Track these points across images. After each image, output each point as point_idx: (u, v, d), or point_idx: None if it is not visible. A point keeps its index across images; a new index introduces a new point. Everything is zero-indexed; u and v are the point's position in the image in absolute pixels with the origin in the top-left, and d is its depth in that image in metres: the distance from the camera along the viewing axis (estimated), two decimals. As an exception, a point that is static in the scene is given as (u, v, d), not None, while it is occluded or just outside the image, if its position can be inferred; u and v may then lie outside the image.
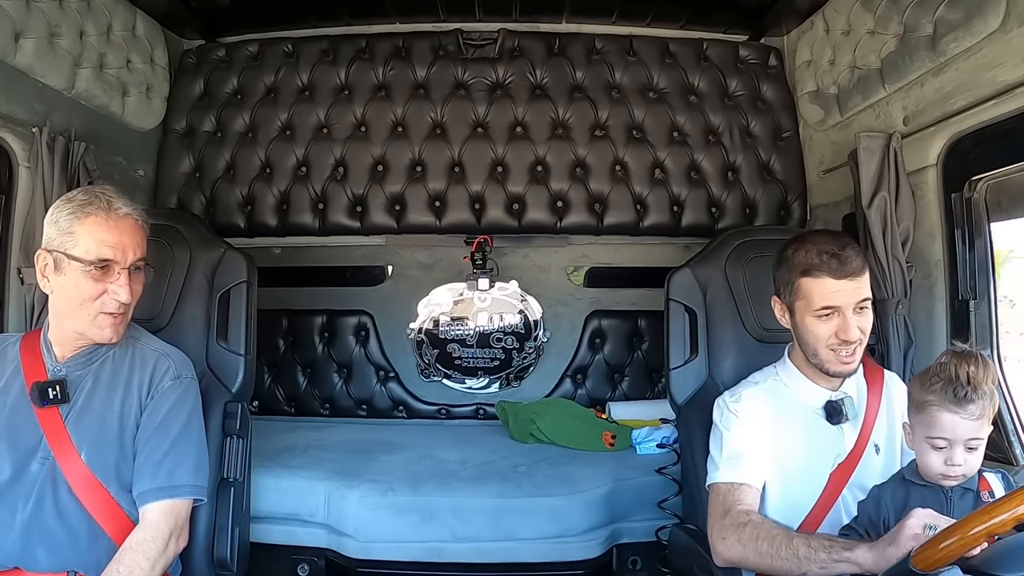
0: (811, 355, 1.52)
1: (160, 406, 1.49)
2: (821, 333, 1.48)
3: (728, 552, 1.42)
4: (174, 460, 1.46)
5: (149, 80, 2.62)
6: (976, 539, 1.00)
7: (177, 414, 1.50)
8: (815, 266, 1.47)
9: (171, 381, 1.52)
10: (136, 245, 1.45)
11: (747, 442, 1.52)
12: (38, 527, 1.39)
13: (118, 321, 1.45)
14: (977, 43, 1.74)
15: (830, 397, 1.55)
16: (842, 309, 1.46)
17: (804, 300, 1.49)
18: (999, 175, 1.79)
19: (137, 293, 1.47)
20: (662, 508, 2.03)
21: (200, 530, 1.57)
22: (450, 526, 1.99)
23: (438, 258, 2.93)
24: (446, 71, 2.87)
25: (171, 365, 1.53)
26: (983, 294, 1.85)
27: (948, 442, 1.24)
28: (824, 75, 2.50)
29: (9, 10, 1.91)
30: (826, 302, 1.46)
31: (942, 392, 1.24)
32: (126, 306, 1.45)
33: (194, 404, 1.54)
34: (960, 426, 1.23)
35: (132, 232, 1.45)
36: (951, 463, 1.24)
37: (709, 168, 2.81)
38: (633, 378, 2.91)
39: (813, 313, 1.48)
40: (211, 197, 2.84)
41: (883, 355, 1.95)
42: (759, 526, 1.39)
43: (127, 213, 1.45)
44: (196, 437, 1.52)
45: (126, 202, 1.46)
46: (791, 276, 1.51)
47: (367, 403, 2.92)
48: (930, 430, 1.25)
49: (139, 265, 1.47)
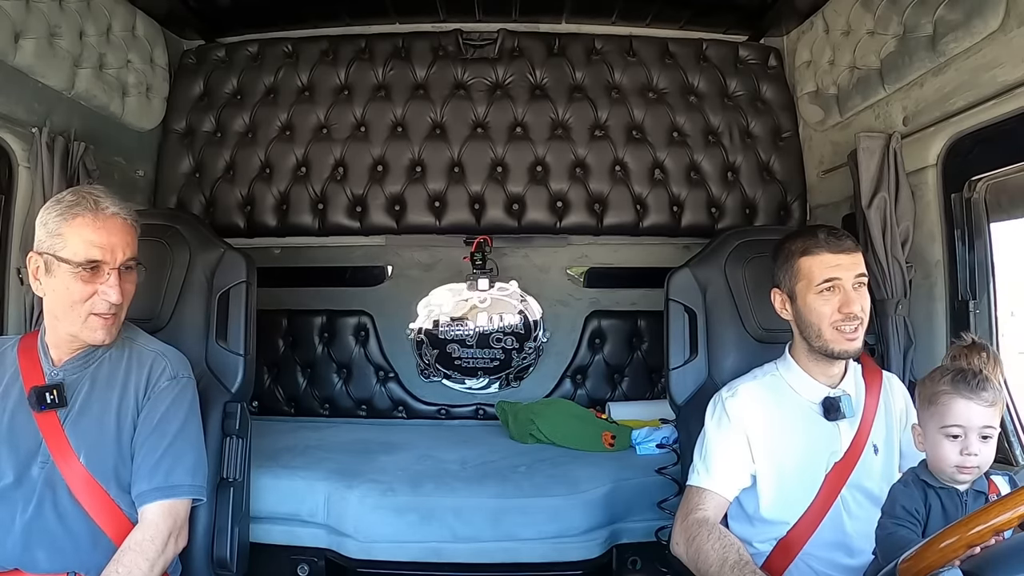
0: (815, 337, 1.53)
1: (157, 406, 1.48)
2: (824, 311, 1.51)
3: (676, 549, 1.51)
4: (172, 460, 1.45)
5: (149, 80, 2.62)
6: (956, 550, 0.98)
7: (174, 414, 1.49)
8: (813, 244, 1.53)
9: (168, 381, 1.51)
10: (126, 245, 1.44)
11: (728, 449, 1.54)
12: (38, 529, 1.38)
13: (110, 322, 1.44)
14: (977, 43, 1.74)
15: (828, 393, 1.55)
16: (842, 283, 1.50)
17: (805, 280, 1.53)
18: (999, 175, 1.80)
19: (129, 293, 1.46)
20: (662, 508, 2.02)
21: (200, 530, 1.57)
22: (450, 526, 1.99)
23: (438, 258, 2.93)
24: (446, 71, 2.87)
25: (167, 365, 1.53)
26: (983, 294, 1.85)
27: (963, 430, 1.24)
28: (824, 75, 2.50)
29: (9, 10, 1.91)
30: (826, 275, 1.50)
31: (954, 381, 1.25)
32: (117, 307, 1.43)
33: (191, 404, 1.54)
34: (974, 412, 1.24)
35: (121, 232, 1.43)
36: (967, 452, 1.24)
37: (709, 168, 2.82)
38: (633, 378, 2.91)
39: (815, 290, 1.51)
40: (211, 197, 2.84)
41: (883, 355, 1.95)
42: (705, 545, 1.42)
43: (115, 212, 1.43)
44: (194, 437, 1.51)
45: (114, 201, 1.44)
46: (790, 261, 1.56)
47: (367, 403, 2.92)
48: (944, 419, 1.25)
49: (130, 265, 1.45)
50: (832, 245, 1.52)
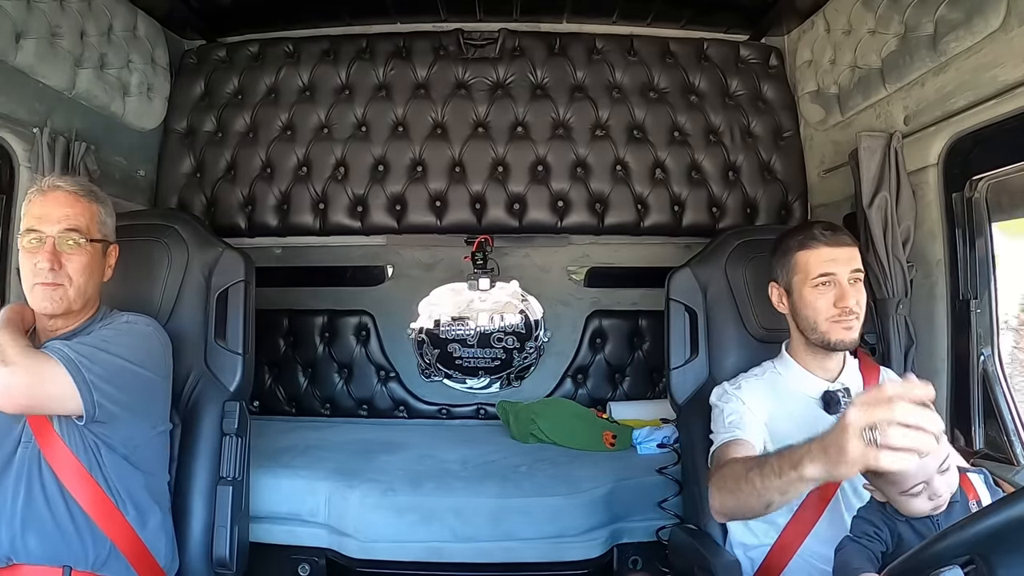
0: (811, 330, 1.54)
1: (102, 331, 1.49)
2: (820, 305, 1.53)
3: (714, 503, 1.39)
4: (85, 346, 1.41)
5: (150, 80, 2.62)
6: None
7: (112, 336, 1.47)
8: (810, 237, 1.56)
9: (124, 322, 1.53)
10: (63, 216, 1.46)
11: (745, 413, 1.53)
12: (30, 516, 1.38)
13: (51, 290, 1.45)
14: (978, 43, 1.73)
15: (827, 387, 1.56)
16: (838, 278, 1.52)
17: (802, 273, 1.55)
18: (1000, 175, 1.79)
19: (77, 269, 1.47)
20: (662, 508, 2.03)
21: (198, 529, 1.58)
22: (450, 526, 1.99)
23: (439, 258, 2.93)
24: (447, 71, 2.87)
25: (128, 315, 1.56)
26: (984, 294, 1.85)
27: (924, 484, 1.17)
28: (825, 75, 2.50)
29: (10, 10, 1.91)
30: (823, 269, 1.53)
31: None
32: (62, 276, 1.45)
33: (136, 342, 1.50)
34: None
35: (59, 203, 1.47)
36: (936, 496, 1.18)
37: (710, 168, 2.81)
38: (634, 378, 2.91)
39: (811, 283, 1.53)
40: (212, 197, 2.84)
41: (883, 355, 1.95)
42: (729, 469, 1.35)
43: (57, 186, 1.49)
44: (121, 351, 1.45)
45: (64, 178, 1.52)
46: (787, 256, 1.58)
47: (368, 403, 2.92)
48: (904, 482, 1.17)
49: (72, 237, 1.47)
50: (828, 239, 1.54)
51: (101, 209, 1.54)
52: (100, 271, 1.55)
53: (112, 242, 1.58)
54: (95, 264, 1.52)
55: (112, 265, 1.59)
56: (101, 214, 1.54)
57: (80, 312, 1.53)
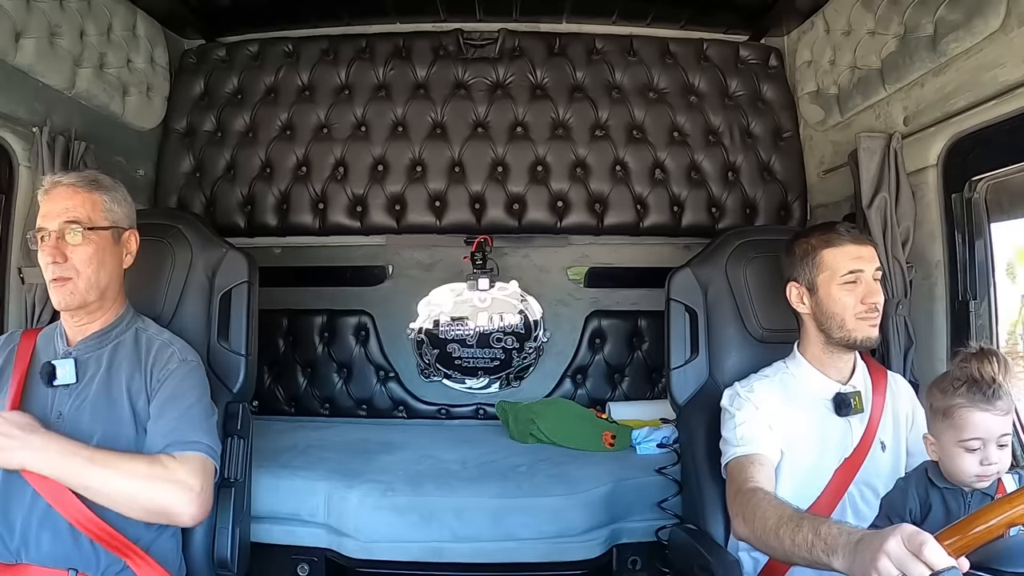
0: (837, 328, 1.54)
1: (171, 382, 1.48)
2: (848, 302, 1.53)
3: (739, 530, 1.41)
4: (189, 424, 1.44)
5: (149, 80, 2.62)
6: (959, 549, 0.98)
7: (189, 388, 1.49)
8: (837, 236, 1.55)
9: (178, 363, 1.51)
10: (63, 209, 1.45)
11: (759, 421, 1.52)
12: (48, 516, 1.37)
13: (63, 286, 1.44)
14: (977, 43, 1.74)
15: (839, 389, 1.56)
16: (865, 275, 1.53)
17: (829, 271, 1.54)
18: (999, 175, 1.80)
19: (83, 260, 1.45)
20: (662, 508, 2.03)
21: (200, 530, 1.57)
22: (450, 526, 1.99)
23: (438, 258, 2.93)
24: (446, 71, 2.87)
25: (175, 351, 1.54)
26: (983, 294, 1.85)
27: (982, 442, 1.22)
28: (824, 75, 2.50)
29: (9, 10, 1.91)
30: (852, 266, 1.53)
31: (969, 393, 1.23)
32: (70, 270, 1.44)
33: (203, 382, 1.54)
34: (992, 423, 1.22)
35: (59, 197, 1.46)
36: (987, 462, 1.22)
37: (709, 168, 2.82)
38: (633, 378, 2.90)
39: (839, 281, 1.53)
40: (211, 197, 2.84)
41: (883, 355, 1.95)
42: (761, 507, 1.35)
43: (57, 182, 1.48)
44: (208, 410, 1.50)
45: (66, 173, 1.52)
46: (811, 254, 1.57)
47: (367, 403, 2.91)
48: (962, 432, 1.23)
49: (73, 228, 1.45)
50: (855, 237, 1.55)
51: (105, 197, 1.51)
52: (113, 261, 1.51)
53: (125, 228, 1.55)
54: (104, 254, 1.49)
55: (133, 252, 1.57)
56: (106, 202, 1.50)
57: (100, 307, 1.51)
